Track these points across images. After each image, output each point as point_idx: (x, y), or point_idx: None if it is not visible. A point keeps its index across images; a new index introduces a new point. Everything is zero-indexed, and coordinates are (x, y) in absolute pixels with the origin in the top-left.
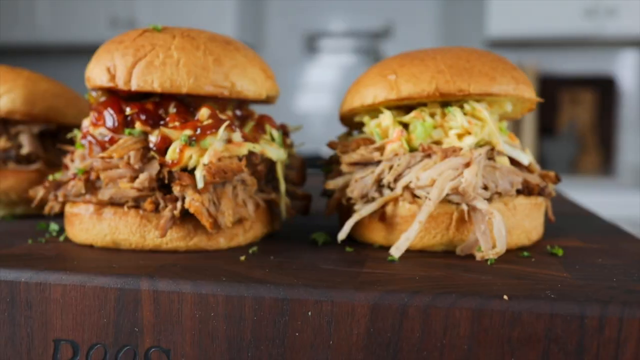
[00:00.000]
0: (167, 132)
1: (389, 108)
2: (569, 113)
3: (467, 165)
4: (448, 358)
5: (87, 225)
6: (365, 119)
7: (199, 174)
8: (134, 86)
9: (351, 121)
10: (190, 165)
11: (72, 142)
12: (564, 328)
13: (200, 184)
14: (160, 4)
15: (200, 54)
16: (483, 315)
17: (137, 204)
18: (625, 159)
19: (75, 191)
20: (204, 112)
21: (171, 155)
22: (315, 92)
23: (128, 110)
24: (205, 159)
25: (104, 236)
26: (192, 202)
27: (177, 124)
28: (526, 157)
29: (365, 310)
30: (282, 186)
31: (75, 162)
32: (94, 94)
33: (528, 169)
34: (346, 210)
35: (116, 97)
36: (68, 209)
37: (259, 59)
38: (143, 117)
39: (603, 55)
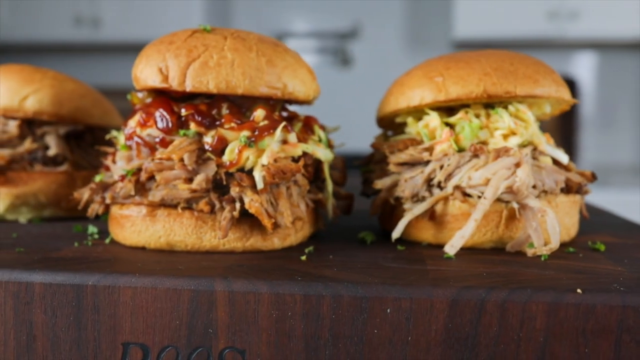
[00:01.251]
0: (225, 133)
1: (432, 109)
2: None
3: (518, 165)
4: (524, 350)
5: (139, 227)
6: (409, 120)
7: (258, 174)
8: (189, 87)
9: (390, 122)
10: (247, 166)
11: (103, 142)
12: (635, 319)
13: (260, 185)
14: (126, 2)
15: (254, 55)
16: (558, 309)
17: (189, 205)
18: (586, 158)
19: (124, 193)
20: (259, 113)
21: (229, 156)
22: None
23: (183, 112)
24: (264, 160)
25: (158, 238)
26: (252, 202)
27: (233, 125)
28: (565, 157)
29: (444, 306)
30: (330, 186)
31: (118, 163)
32: (140, 95)
33: (566, 167)
34: (390, 209)
35: (165, 97)
36: (116, 211)
37: (304, 61)
38: (198, 118)
39: (564, 57)
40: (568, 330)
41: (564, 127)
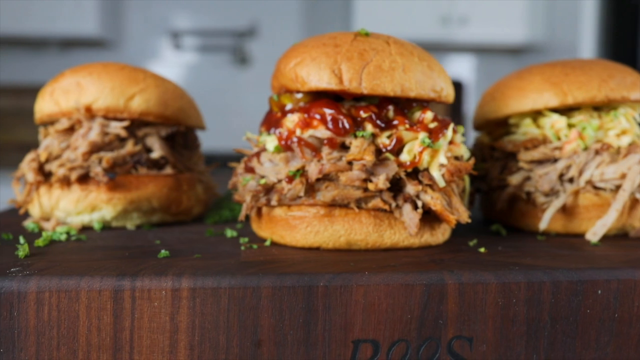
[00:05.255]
0: (403, 134)
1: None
2: None
3: None
4: None
5: (317, 227)
6: (526, 121)
7: (437, 173)
8: (366, 90)
9: (496, 124)
10: (423, 165)
11: (192, 144)
12: None
13: (441, 183)
14: None
15: (417, 60)
16: None
17: (358, 204)
18: None
19: (292, 194)
20: (429, 115)
21: (409, 156)
22: None
23: (362, 114)
24: (443, 160)
25: (338, 237)
26: (435, 200)
27: (407, 126)
28: None
29: None
30: (467, 183)
31: (266, 164)
32: (298, 96)
33: None
34: (510, 202)
35: (329, 99)
36: (284, 213)
37: None
38: (376, 120)
39: (450, 59)
40: None
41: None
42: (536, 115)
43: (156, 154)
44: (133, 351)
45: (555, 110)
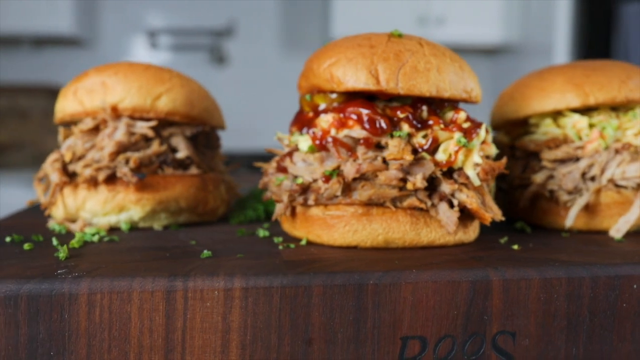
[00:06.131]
0: (439, 134)
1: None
2: None
3: None
4: None
5: (355, 226)
6: (547, 121)
7: (472, 172)
8: (402, 90)
9: (515, 123)
10: (458, 165)
11: (213, 144)
12: None
13: (477, 182)
14: None
15: (449, 61)
16: None
17: (393, 203)
18: None
19: (328, 193)
20: (462, 115)
21: (445, 155)
22: None
23: (399, 114)
24: (478, 159)
25: (376, 236)
26: (471, 199)
27: (441, 126)
28: None
29: None
30: (493, 182)
31: (298, 164)
32: (333, 96)
33: None
34: (532, 200)
35: (364, 99)
36: (321, 212)
37: None
38: (412, 120)
39: None
40: None
41: None
42: (556, 115)
43: (181, 154)
44: (185, 352)
45: (574, 110)
